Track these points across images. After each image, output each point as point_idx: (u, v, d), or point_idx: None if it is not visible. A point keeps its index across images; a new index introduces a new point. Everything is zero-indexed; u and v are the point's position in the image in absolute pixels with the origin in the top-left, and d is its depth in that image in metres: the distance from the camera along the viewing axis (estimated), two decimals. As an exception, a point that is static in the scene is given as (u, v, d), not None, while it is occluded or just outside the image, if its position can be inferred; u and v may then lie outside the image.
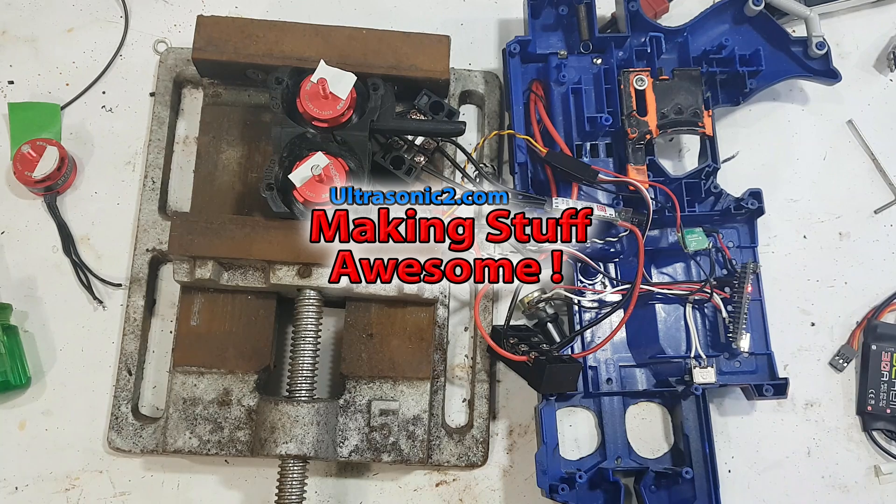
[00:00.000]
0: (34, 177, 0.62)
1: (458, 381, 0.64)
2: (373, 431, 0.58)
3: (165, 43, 0.69)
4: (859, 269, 0.69)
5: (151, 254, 0.63)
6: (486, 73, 0.69)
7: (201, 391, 0.58)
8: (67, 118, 0.67)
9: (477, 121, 0.69)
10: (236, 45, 0.60)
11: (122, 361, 0.61)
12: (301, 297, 0.57)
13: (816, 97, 0.72)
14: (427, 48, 0.61)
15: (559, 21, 0.67)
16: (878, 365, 0.65)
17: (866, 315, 0.67)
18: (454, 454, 0.61)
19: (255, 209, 0.61)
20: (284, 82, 0.57)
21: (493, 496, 0.62)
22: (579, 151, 0.63)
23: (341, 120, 0.57)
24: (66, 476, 0.61)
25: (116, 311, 0.63)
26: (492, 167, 0.67)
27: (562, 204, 0.59)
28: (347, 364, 0.59)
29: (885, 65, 0.73)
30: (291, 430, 0.54)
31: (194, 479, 0.61)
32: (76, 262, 0.64)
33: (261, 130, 0.63)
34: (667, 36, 0.66)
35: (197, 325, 0.59)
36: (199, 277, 0.56)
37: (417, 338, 0.60)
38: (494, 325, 0.64)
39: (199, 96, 0.67)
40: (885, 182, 0.70)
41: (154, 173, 0.64)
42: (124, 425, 0.60)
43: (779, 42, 0.68)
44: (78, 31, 0.69)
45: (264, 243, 0.56)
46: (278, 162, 0.56)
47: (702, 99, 0.63)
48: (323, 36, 0.61)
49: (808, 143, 0.71)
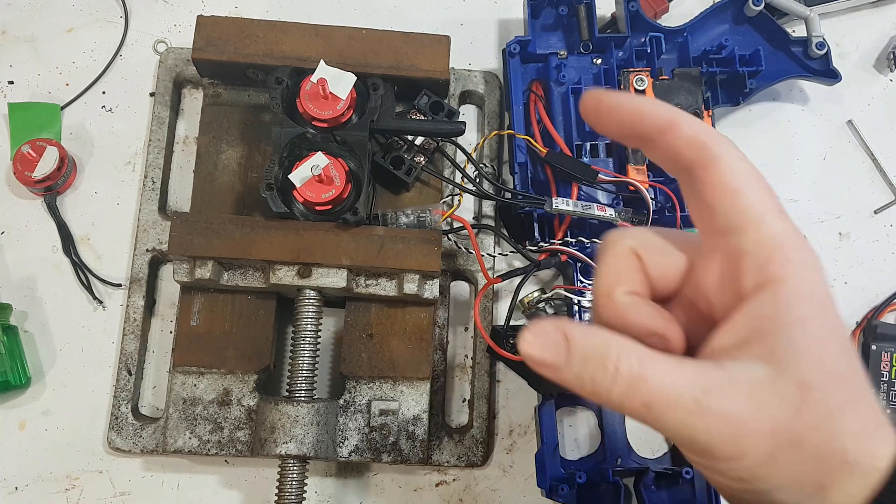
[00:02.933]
0: (34, 177, 0.62)
1: (458, 381, 0.64)
2: (373, 431, 0.58)
3: (165, 43, 0.69)
4: (859, 269, 0.69)
5: (151, 254, 0.63)
6: (486, 73, 0.69)
7: (201, 391, 0.58)
8: (67, 118, 0.67)
9: (477, 121, 0.69)
10: (236, 45, 0.60)
11: (122, 361, 0.61)
12: (301, 297, 0.57)
13: (816, 97, 0.72)
14: (427, 48, 0.61)
15: (559, 21, 0.67)
16: (878, 365, 0.65)
17: (866, 315, 0.67)
18: (454, 454, 0.61)
19: (255, 209, 0.61)
20: (284, 82, 0.57)
21: (493, 496, 0.62)
22: (579, 151, 0.63)
23: (341, 120, 0.57)
24: (66, 476, 0.61)
25: (116, 311, 0.63)
26: (492, 167, 0.67)
27: (562, 204, 0.59)
28: (347, 364, 0.59)
29: (885, 65, 0.73)
30: (291, 430, 0.54)
31: (194, 479, 0.61)
32: (76, 262, 0.64)
33: (261, 130, 0.63)
34: (667, 36, 0.66)
35: (197, 325, 0.59)
36: (199, 277, 0.56)
37: (417, 338, 0.60)
38: (494, 325, 0.64)
39: (199, 96, 0.67)
40: (885, 182, 0.70)
41: (154, 173, 0.65)
42: (124, 425, 0.60)
43: (779, 42, 0.68)
44: (78, 31, 0.69)
45: (264, 243, 0.56)
46: (278, 162, 0.56)
47: (702, 99, 0.63)
48: (323, 36, 0.61)
49: (808, 143, 0.71)
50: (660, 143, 0.32)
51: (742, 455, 0.29)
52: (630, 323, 0.32)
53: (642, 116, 0.31)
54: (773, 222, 0.30)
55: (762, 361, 0.30)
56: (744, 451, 0.29)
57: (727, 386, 0.29)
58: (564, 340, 0.31)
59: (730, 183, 0.31)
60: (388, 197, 0.63)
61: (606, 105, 0.32)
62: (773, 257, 0.30)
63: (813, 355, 0.29)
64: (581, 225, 0.62)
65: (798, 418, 0.29)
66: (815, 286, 0.30)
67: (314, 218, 0.57)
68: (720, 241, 0.31)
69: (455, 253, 0.64)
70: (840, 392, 0.30)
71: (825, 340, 0.30)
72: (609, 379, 0.30)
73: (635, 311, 0.32)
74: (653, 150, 0.32)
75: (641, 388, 0.29)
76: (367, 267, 0.56)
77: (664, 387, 0.29)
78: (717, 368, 0.30)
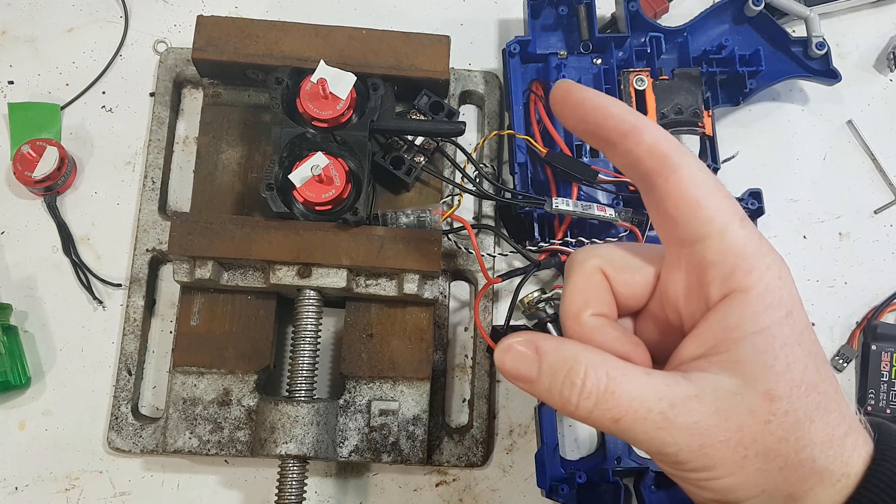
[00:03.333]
0: (34, 177, 0.62)
1: (458, 381, 0.64)
2: (373, 432, 0.58)
3: (165, 43, 0.69)
4: (859, 269, 0.69)
5: (151, 254, 0.63)
6: (486, 73, 0.69)
7: (201, 391, 0.58)
8: (67, 118, 0.67)
9: (477, 121, 0.69)
10: (236, 45, 0.60)
11: (122, 361, 0.61)
12: (301, 297, 0.57)
13: (816, 97, 0.72)
14: (427, 48, 0.61)
15: (559, 21, 0.67)
16: (877, 365, 0.65)
17: (866, 315, 0.67)
18: (454, 454, 0.61)
19: (255, 209, 0.61)
20: (284, 82, 0.57)
21: (493, 496, 0.62)
22: (579, 151, 0.63)
23: (341, 120, 0.57)
24: (66, 476, 0.61)
25: (116, 311, 0.63)
26: (492, 167, 0.67)
27: (562, 204, 0.59)
28: (347, 364, 0.59)
29: (885, 65, 0.73)
30: (291, 430, 0.54)
31: (194, 479, 0.61)
32: (76, 262, 0.64)
33: (261, 130, 0.63)
34: (667, 36, 0.66)
35: (197, 325, 0.59)
36: (199, 277, 0.56)
37: (417, 338, 0.60)
38: (494, 325, 0.64)
39: (199, 96, 0.67)
40: (885, 182, 0.70)
41: (154, 173, 0.64)
42: (124, 425, 0.60)
43: (779, 42, 0.68)
44: (78, 31, 0.69)
45: (264, 243, 0.56)
46: (278, 162, 0.56)
47: (702, 99, 0.63)
48: (323, 36, 0.61)
49: (808, 143, 0.71)
50: (620, 148, 0.31)
51: (709, 466, 0.30)
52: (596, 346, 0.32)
53: (606, 116, 0.31)
54: (736, 230, 0.30)
55: (729, 372, 0.30)
56: (711, 463, 0.29)
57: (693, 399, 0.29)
58: (535, 354, 0.31)
59: (690, 193, 0.30)
60: (388, 197, 0.63)
61: (574, 97, 0.32)
62: (737, 266, 0.30)
63: (780, 365, 0.29)
64: (581, 225, 0.62)
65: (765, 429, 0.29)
66: (780, 293, 0.30)
67: (314, 218, 0.57)
68: (683, 251, 0.31)
69: (455, 253, 0.64)
70: (808, 400, 0.30)
71: (792, 348, 0.30)
72: (576, 394, 0.30)
73: (601, 335, 0.33)
74: (614, 153, 0.32)
75: (609, 403, 0.30)
76: (367, 267, 0.56)
77: (632, 402, 0.29)
78: (685, 381, 0.30)
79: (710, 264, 0.30)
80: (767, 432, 0.29)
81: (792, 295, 0.31)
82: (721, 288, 0.30)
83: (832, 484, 0.30)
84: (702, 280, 0.31)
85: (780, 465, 0.29)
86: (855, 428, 0.31)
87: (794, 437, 0.29)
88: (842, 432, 0.30)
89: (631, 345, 0.33)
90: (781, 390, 0.29)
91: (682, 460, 0.30)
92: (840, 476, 0.30)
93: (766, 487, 0.30)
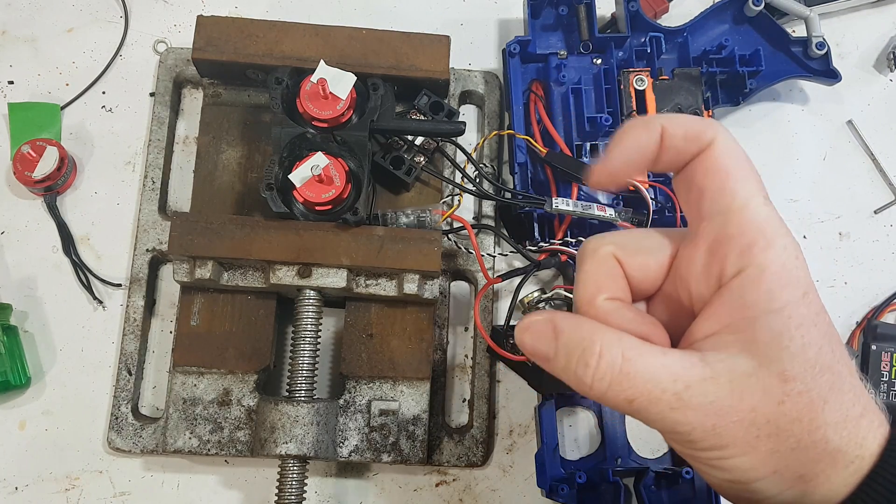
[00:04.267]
0: (34, 177, 0.62)
1: (458, 381, 0.64)
2: (373, 432, 0.58)
3: (165, 43, 0.69)
4: (859, 269, 0.69)
5: (151, 254, 0.63)
6: (486, 73, 0.69)
7: (201, 391, 0.58)
8: (67, 118, 0.67)
9: (477, 121, 0.69)
10: (236, 46, 0.60)
11: (122, 361, 0.61)
12: (301, 297, 0.57)
13: (816, 97, 0.72)
14: (427, 48, 0.61)
15: (559, 21, 0.67)
16: (878, 365, 0.65)
17: (866, 315, 0.67)
18: (454, 454, 0.61)
19: (255, 209, 0.61)
20: (284, 82, 0.57)
21: (493, 496, 0.62)
22: (579, 151, 0.63)
23: (341, 120, 0.57)
24: (66, 476, 0.61)
25: (116, 311, 0.63)
26: (492, 167, 0.67)
27: (562, 204, 0.59)
28: (347, 364, 0.59)
29: (885, 65, 0.73)
30: (291, 430, 0.54)
31: (194, 479, 0.61)
32: (76, 262, 0.64)
33: (261, 130, 0.63)
34: (667, 36, 0.66)
35: (197, 325, 0.59)
36: (199, 277, 0.56)
37: (417, 338, 0.60)
38: (494, 325, 0.64)
39: (199, 96, 0.67)
40: (885, 182, 0.70)
41: (154, 173, 0.64)
42: (124, 425, 0.60)
43: (779, 42, 0.68)
44: (78, 31, 0.69)
45: (264, 243, 0.56)
46: (278, 162, 0.56)
47: (702, 99, 0.63)
48: (323, 36, 0.61)
49: (808, 143, 0.71)
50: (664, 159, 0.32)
51: (722, 445, 0.30)
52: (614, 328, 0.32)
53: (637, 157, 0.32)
54: (758, 206, 0.31)
55: (744, 352, 0.30)
56: (724, 442, 0.30)
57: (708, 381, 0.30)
58: (553, 332, 0.31)
59: (721, 163, 0.31)
60: (388, 197, 0.63)
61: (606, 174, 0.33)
62: (755, 241, 0.30)
63: (795, 346, 0.29)
64: (581, 225, 0.62)
65: (778, 410, 0.29)
66: (796, 273, 0.30)
67: (314, 218, 0.57)
68: (706, 225, 0.31)
69: (455, 253, 0.64)
70: (822, 381, 0.30)
71: (808, 328, 0.30)
72: (590, 375, 0.30)
73: (617, 317, 0.33)
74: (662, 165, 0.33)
75: (624, 384, 0.30)
76: (367, 267, 0.56)
77: (646, 384, 0.30)
78: (701, 362, 0.30)
79: (728, 237, 0.30)
80: (781, 413, 0.29)
81: (807, 278, 0.31)
82: (737, 262, 0.30)
83: (845, 466, 0.30)
84: (719, 254, 0.31)
85: (792, 445, 0.29)
86: (870, 409, 0.31)
87: (808, 417, 0.29)
88: (856, 413, 0.30)
89: (648, 325, 0.33)
90: (796, 371, 0.29)
91: (694, 439, 0.30)
92: (854, 457, 0.30)
93: (777, 468, 0.30)
